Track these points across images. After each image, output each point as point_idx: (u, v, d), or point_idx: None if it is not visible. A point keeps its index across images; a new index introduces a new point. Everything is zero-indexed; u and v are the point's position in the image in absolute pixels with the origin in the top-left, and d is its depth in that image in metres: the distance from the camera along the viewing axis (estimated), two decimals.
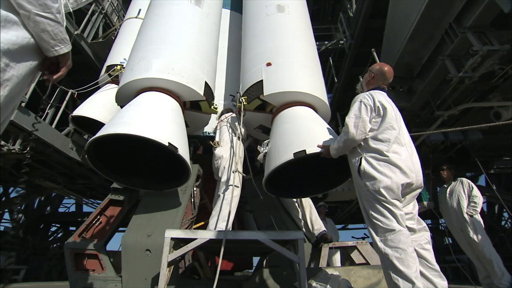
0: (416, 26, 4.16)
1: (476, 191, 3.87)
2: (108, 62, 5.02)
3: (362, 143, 2.04)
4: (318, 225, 3.30)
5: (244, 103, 3.07)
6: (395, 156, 1.91)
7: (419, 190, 2.02)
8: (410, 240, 1.76)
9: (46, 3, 1.02)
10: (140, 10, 5.48)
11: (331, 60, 7.44)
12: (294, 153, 2.51)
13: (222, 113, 3.58)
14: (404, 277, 1.66)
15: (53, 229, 11.49)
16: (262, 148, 2.96)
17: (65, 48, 1.12)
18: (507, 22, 3.56)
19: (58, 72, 1.17)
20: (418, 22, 4.10)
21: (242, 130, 3.04)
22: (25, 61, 1.03)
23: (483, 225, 3.74)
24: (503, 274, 3.41)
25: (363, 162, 1.96)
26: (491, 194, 6.99)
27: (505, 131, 5.63)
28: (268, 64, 3.22)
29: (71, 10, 1.54)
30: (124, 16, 6.57)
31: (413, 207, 2.05)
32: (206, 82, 3.17)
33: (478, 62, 3.68)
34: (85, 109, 4.51)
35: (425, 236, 1.97)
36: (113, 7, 7.50)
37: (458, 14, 3.76)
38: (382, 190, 1.83)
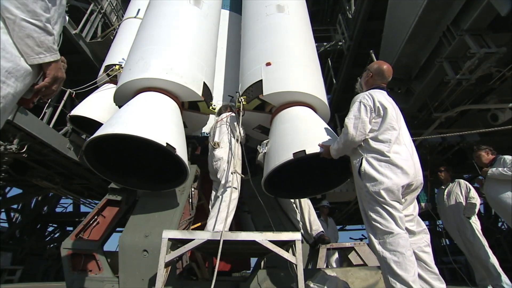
0: (414, 28, 4.18)
1: (473, 193, 3.89)
2: (107, 62, 5.00)
3: (362, 143, 2.02)
4: (316, 226, 3.29)
5: (243, 102, 3.06)
6: (396, 156, 1.90)
7: (419, 190, 2.01)
8: (409, 244, 1.75)
9: (36, 10, 1.00)
10: (139, 10, 5.47)
11: (329, 61, 7.46)
12: (293, 153, 2.50)
13: (220, 111, 3.53)
14: (402, 281, 1.65)
15: (50, 229, 11.45)
16: (261, 148, 2.94)
17: (50, 56, 1.06)
18: (504, 25, 3.59)
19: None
20: (416, 25, 4.12)
21: (241, 131, 3.02)
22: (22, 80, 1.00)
23: (480, 226, 3.77)
24: (499, 276, 3.42)
25: (364, 162, 1.95)
26: None
27: (502, 133, 5.67)
28: (268, 64, 3.21)
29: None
30: (123, 16, 6.56)
31: (414, 209, 2.03)
32: (204, 83, 3.17)
33: (475, 64, 3.71)
34: (83, 109, 4.48)
35: (425, 239, 1.95)
36: (112, 7, 7.48)
37: (455, 16, 3.79)
38: (382, 192, 1.81)
